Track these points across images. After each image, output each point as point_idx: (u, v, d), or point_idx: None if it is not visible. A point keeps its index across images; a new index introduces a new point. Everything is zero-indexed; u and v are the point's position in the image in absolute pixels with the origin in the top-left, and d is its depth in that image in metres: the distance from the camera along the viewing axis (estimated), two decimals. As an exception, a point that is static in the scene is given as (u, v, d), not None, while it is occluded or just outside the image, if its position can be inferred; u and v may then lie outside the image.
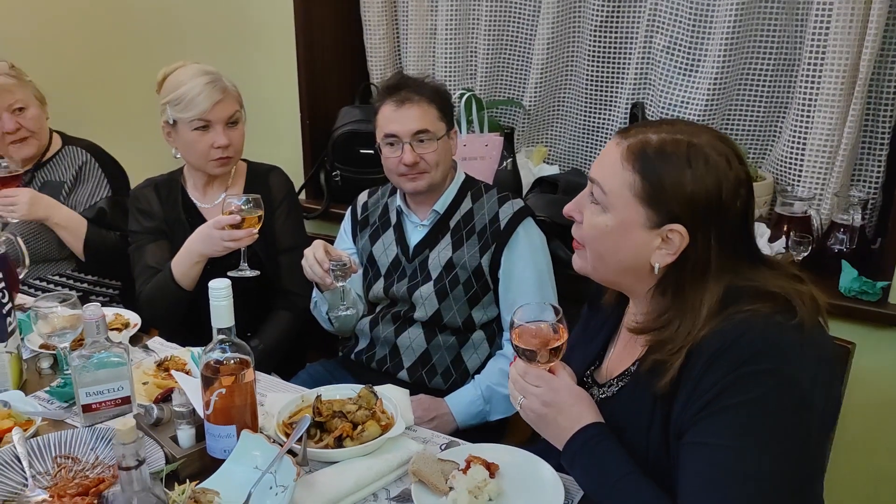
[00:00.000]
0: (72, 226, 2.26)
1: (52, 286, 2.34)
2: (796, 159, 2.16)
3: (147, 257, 2.07)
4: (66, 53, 3.32)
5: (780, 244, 2.09)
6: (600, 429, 1.22)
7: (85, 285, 2.39)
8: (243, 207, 1.81)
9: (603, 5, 2.38)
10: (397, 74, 1.96)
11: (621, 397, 1.27)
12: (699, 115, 2.23)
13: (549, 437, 1.26)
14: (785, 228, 2.12)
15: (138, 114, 2.73)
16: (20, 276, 2.01)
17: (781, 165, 2.21)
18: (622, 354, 1.32)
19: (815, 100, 2.07)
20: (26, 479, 1.30)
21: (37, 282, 2.33)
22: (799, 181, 2.16)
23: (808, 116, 2.10)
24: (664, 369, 1.14)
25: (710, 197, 1.12)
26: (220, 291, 1.26)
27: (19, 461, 1.33)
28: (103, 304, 2.22)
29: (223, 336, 1.29)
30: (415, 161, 1.85)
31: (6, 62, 2.29)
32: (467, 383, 1.93)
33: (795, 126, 2.14)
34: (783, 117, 2.24)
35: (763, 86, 2.24)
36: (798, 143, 2.14)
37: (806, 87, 2.09)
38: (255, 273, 1.89)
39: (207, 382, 1.29)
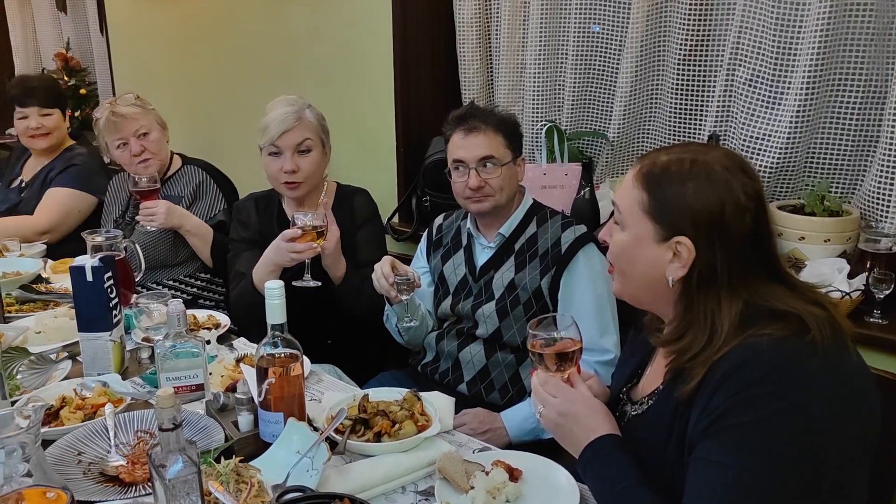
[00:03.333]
0: (201, 233, 2.56)
1: (166, 290, 2.62)
2: (884, 194, 2.08)
3: (240, 264, 2.28)
4: (201, 86, 3.71)
5: (860, 280, 2.02)
6: (612, 440, 1.26)
7: (194, 290, 2.67)
8: (307, 223, 1.98)
9: (686, 39, 2.40)
10: (468, 105, 2.08)
11: (648, 414, 1.31)
12: (781, 149, 2.20)
13: (567, 446, 1.33)
14: (868, 265, 2.04)
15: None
16: (136, 279, 2.28)
17: (869, 200, 2.13)
18: (655, 373, 1.36)
19: (904, 133, 2.00)
20: (110, 447, 1.51)
21: (154, 285, 2.61)
22: (886, 217, 2.08)
23: (896, 150, 2.04)
24: (685, 379, 1.18)
25: (712, 209, 1.17)
26: (275, 291, 1.42)
27: (107, 431, 1.55)
28: (210, 308, 2.48)
29: (277, 332, 1.44)
30: (479, 185, 1.96)
31: (132, 94, 2.64)
32: (523, 400, 2.00)
33: (884, 160, 2.06)
34: (871, 151, 2.17)
35: (849, 119, 2.18)
36: (886, 177, 2.07)
37: (894, 120, 2.02)
38: (317, 284, 2.05)
39: (261, 373, 1.44)
